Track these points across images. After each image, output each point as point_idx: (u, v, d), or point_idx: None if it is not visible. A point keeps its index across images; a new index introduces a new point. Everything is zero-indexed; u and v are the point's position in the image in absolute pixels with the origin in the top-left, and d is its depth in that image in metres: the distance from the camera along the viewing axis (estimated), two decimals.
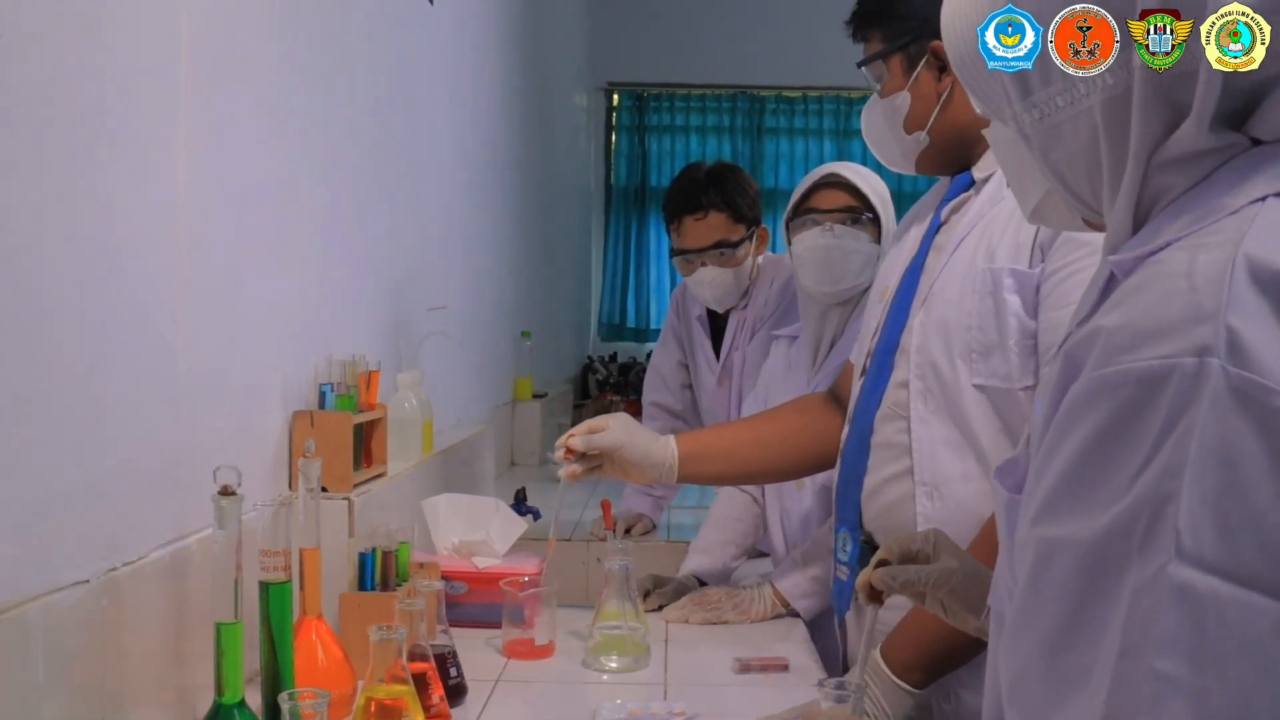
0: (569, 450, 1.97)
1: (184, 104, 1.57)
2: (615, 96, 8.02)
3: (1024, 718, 0.86)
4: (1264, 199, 0.86)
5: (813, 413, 2.10)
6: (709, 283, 2.97)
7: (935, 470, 1.73)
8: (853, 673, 1.48)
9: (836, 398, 2.10)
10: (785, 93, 7.93)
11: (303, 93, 2.05)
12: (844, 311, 2.42)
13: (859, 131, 7.97)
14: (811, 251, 2.36)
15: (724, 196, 2.97)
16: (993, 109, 1.06)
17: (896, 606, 1.74)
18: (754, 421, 2.17)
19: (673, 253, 3.07)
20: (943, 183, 1.94)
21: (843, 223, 2.37)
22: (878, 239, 2.38)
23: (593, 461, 1.99)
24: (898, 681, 1.64)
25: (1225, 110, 0.92)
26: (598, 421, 2.01)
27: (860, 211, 2.38)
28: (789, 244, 2.46)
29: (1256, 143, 0.93)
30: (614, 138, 8.05)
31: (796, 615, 2.22)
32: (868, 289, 2.27)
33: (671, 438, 2.04)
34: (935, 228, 1.85)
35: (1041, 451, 0.89)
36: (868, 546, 1.81)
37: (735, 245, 2.95)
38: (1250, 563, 0.77)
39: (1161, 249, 0.88)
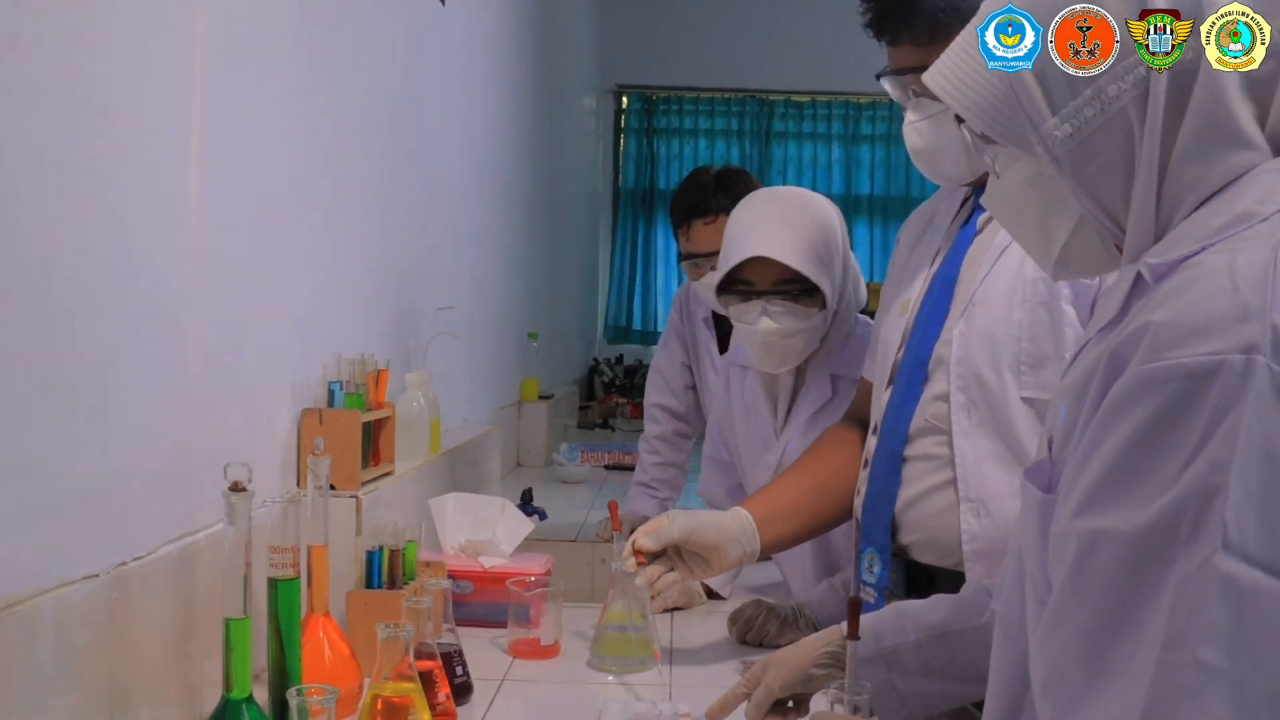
0: (638, 552, 1.87)
1: (198, 104, 1.57)
2: (624, 99, 8.03)
3: (1061, 707, 0.87)
4: None
5: (851, 445, 2.02)
6: None
7: (981, 487, 1.68)
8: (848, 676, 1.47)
9: (860, 421, 2.04)
10: (794, 97, 7.93)
11: (315, 93, 2.06)
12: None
13: (868, 137, 7.95)
14: (751, 337, 2.21)
15: (732, 200, 2.93)
16: (1016, 141, 1.05)
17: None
18: (802, 469, 2.04)
19: (681, 257, 3.07)
20: (953, 192, 1.89)
21: (782, 296, 2.17)
22: (823, 304, 2.19)
23: (666, 563, 1.89)
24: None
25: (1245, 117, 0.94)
26: (651, 523, 1.91)
27: (799, 284, 2.16)
28: (723, 306, 2.27)
29: (1276, 151, 0.94)
30: (622, 140, 8.06)
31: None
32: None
33: (739, 508, 1.95)
34: (970, 238, 1.79)
35: (1083, 446, 0.90)
36: (899, 563, 1.76)
37: None
38: None
39: (1197, 253, 0.89)
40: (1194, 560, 0.80)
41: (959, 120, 1.11)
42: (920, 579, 1.75)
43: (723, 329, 3.16)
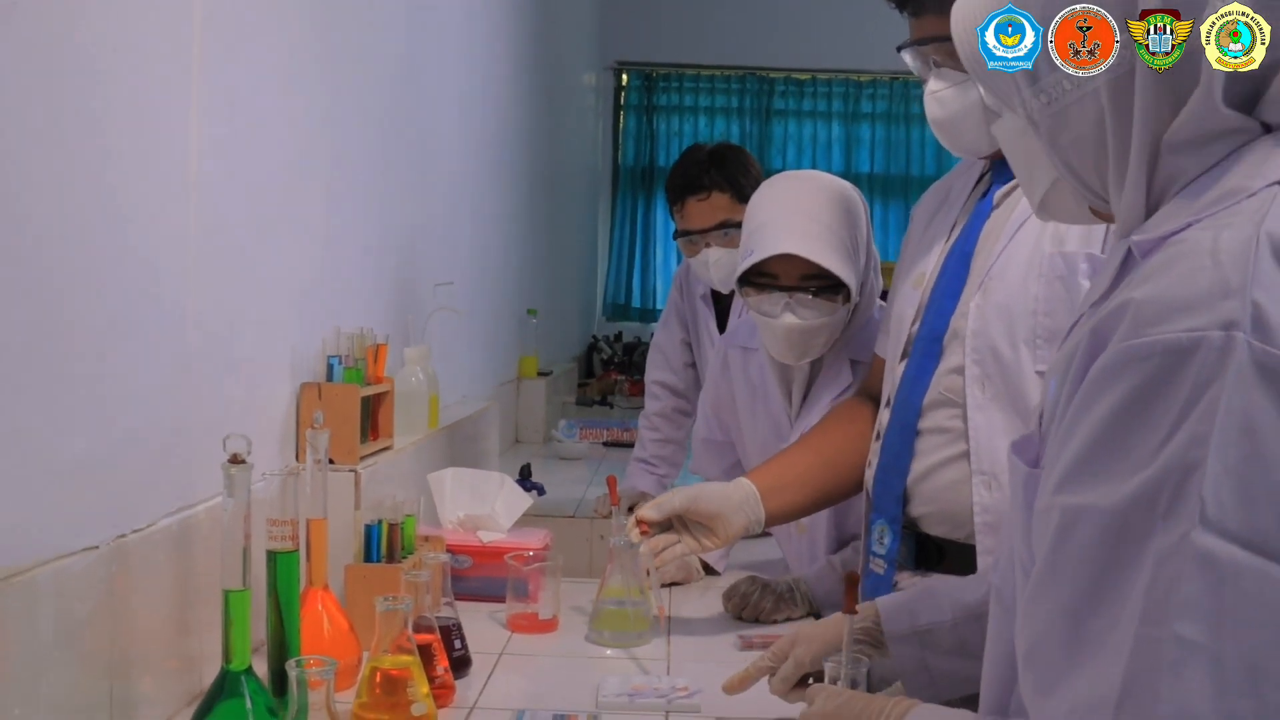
0: (642, 523, 1.89)
1: (196, 77, 1.57)
2: (624, 76, 8.01)
3: (1041, 681, 0.87)
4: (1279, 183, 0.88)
5: (862, 420, 2.02)
6: (713, 263, 2.95)
7: (994, 460, 1.67)
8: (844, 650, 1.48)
9: (872, 396, 2.04)
10: (795, 75, 7.90)
11: (314, 68, 2.05)
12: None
13: (868, 115, 7.93)
14: (773, 330, 2.17)
15: (726, 177, 2.95)
16: (1002, 98, 1.08)
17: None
18: (809, 443, 2.04)
19: (676, 234, 3.06)
20: (971, 165, 1.88)
21: (806, 292, 2.14)
22: (848, 298, 2.16)
23: (669, 539, 1.90)
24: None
25: (1233, 92, 0.93)
26: (658, 499, 1.93)
27: (824, 278, 2.13)
28: (741, 296, 2.23)
29: (1266, 129, 0.94)
30: (622, 118, 8.04)
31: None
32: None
33: (742, 478, 1.96)
34: (986, 212, 1.78)
35: (1065, 421, 0.91)
36: (909, 535, 1.77)
37: (739, 225, 2.92)
38: (1270, 533, 0.80)
39: (1183, 229, 0.90)
40: (1172, 536, 0.81)
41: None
42: (930, 551, 1.75)
43: (721, 306, 3.16)
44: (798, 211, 2.14)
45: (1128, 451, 0.84)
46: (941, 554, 1.74)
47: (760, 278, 2.16)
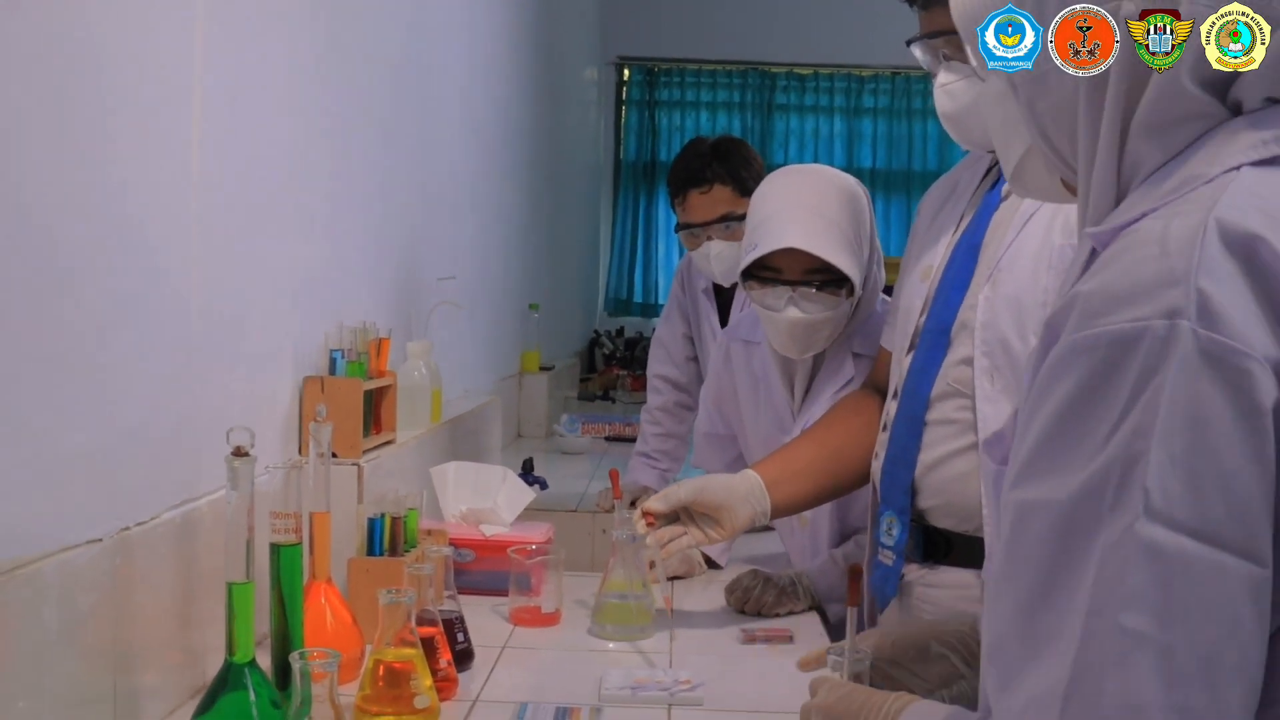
0: (648, 515, 1.89)
1: (199, 70, 1.57)
2: (626, 71, 8.00)
3: (1001, 676, 0.87)
4: (1238, 168, 0.88)
5: (868, 411, 2.02)
6: (715, 256, 2.95)
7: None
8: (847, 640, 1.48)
9: (878, 389, 2.04)
10: (797, 70, 7.90)
11: (317, 61, 2.05)
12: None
13: (870, 110, 7.90)
14: (776, 324, 2.17)
15: (728, 170, 2.95)
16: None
17: (942, 585, 1.74)
18: (815, 435, 2.04)
19: (678, 227, 3.06)
20: (978, 158, 1.88)
21: (810, 285, 2.14)
22: (851, 292, 2.16)
23: (676, 531, 1.90)
24: None
25: (1203, 71, 0.93)
26: (664, 491, 1.94)
27: (828, 273, 2.13)
28: (745, 290, 2.23)
29: (1236, 111, 0.93)
30: (624, 112, 8.04)
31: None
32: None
33: (748, 470, 1.96)
34: (995, 204, 1.78)
35: (1021, 417, 0.91)
36: (916, 528, 1.77)
37: (741, 219, 2.91)
38: (1219, 522, 0.79)
39: (1138, 219, 0.89)
40: (1117, 528, 0.80)
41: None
42: (938, 544, 1.75)
43: (723, 300, 3.16)
44: (802, 206, 2.14)
45: (1077, 444, 0.83)
46: (949, 546, 1.74)
47: (764, 271, 2.16)
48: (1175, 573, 0.79)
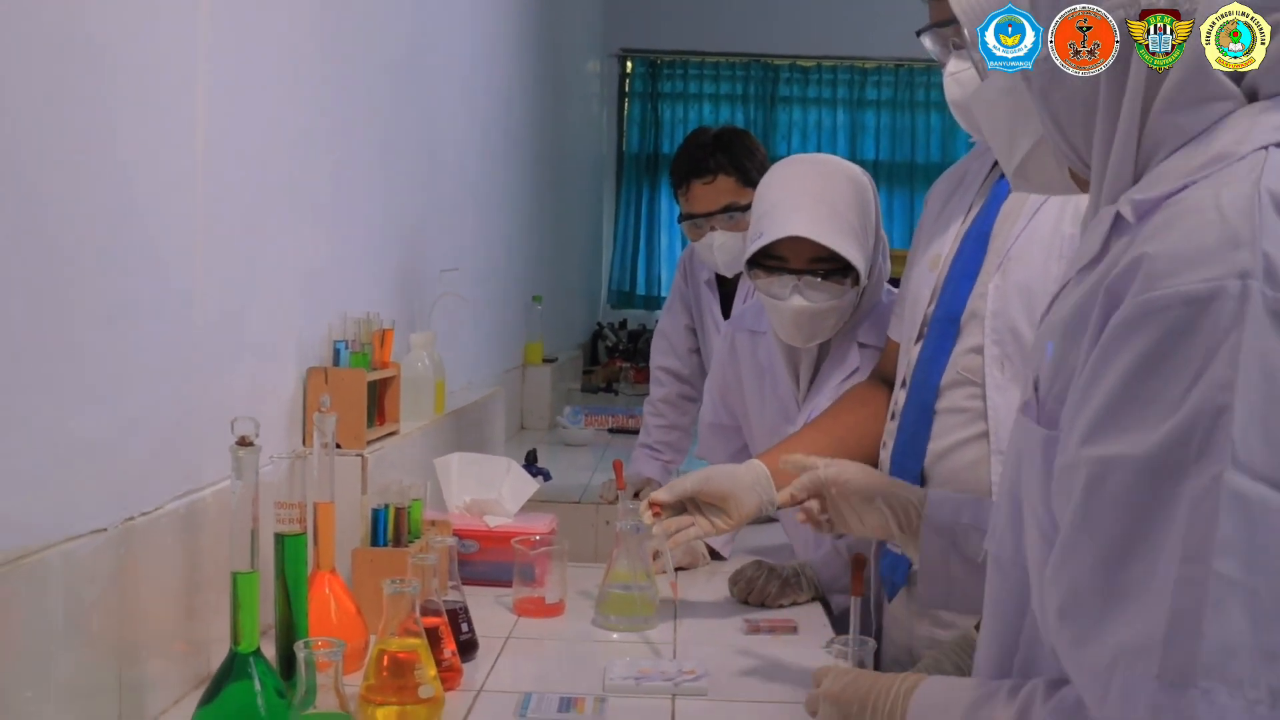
0: (655, 505, 1.89)
1: (203, 60, 1.57)
2: (629, 63, 8.00)
3: (1079, 633, 0.90)
4: (1267, 148, 0.92)
5: (874, 402, 2.02)
6: (718, 247, 2.94)
7: None
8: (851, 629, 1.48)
9: (885, 380, 2.04)
10: (799, 61, 7.89)
11: (320, 51, 2.05)
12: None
13: (873, 102, 7.88)
14: (781, 313, 2.18)
15: (732, 160, 2.94)
16: None
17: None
18: (821, 425, 2.04)
19: (681, 218, 3.05)
20: (986, 149, 1.84)
21: (815, 274, 2.14)
22: (856, 281, 2.16)
23: (684, 522, 1.89)
24: None
25: None
26: (670, 483, 1.94)
27: (834, 262, 2.13)
28: (750, 279, 2.24)
29: (1252, 98, 0.97)
30: (627, 105, 8.03)
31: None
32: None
33: (753, 460, 1.96)
34: (1004, 193, 1.78)
35: (1083, 379, 0.93)
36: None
37: (744, 209, 2.91)
38: None
39: (1179, 190, 0.92)
40: (1205, 477, 0.83)
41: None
42: None
43: (726, 290, 3.16)
44: (807, 194, 2.14)
45: (1153, 401, 0.87)
46: None
47: (769, 260, 2.16)
48: (1257, 520, 0.83)
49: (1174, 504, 0.85)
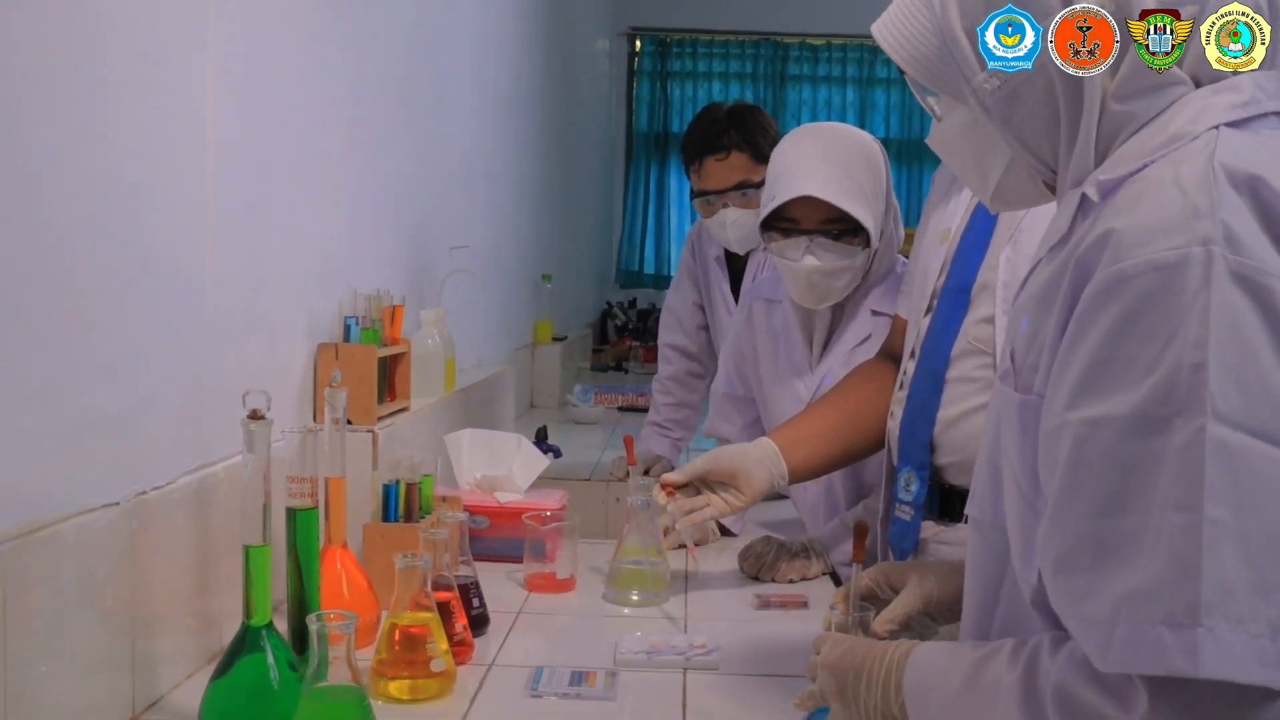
0: (667, 487, 1.90)
1: (213, 42, 1.56)
2: (638, 42, 7.96)
3: (1075, 588, 0.94)
4: (1218, 127, 0.99)
5: (882, 378, 2.03)
6: (731, 224, 2.94)
7: None
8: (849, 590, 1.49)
9: (893, 357, 2.05)
10: (809, 40, 7.86)
11: (330, 32, 2.05)
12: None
13: (883, 80, 7.87)
14: (794, 273, 2.21)
15: (745, 136, 2.93)
16: (952, 93, 1.15)
17: (957, 543, 1.74)
18: (831, 401, 2.05)
19: (694, 194, 3.04)
20: None
21: (826, 235, 2.17)
22: (867, 242, 2.19)
23: (698, 502, 1.90)
24: None
25: None
26: (681, 467, 1.95)
27: (844, 222, 2.16)
28: (765, 242, 2.27)
29: (1197, 84, 1.04)
30: (636, 83, 8.00)
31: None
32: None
33: (761, 438, 1.96)
34: None
35: (1061, 349, 0.98)
36: (932, 486, 1.78)
37: (757, 186, 2.90)
38: (1266, 419, 0.89)
39: (1140, 169, 0.99)
40: (1189, 430, 0.89)
41: (902, 73, 1.21)
42: (953, 502, 1.76)
43: (734, 268, 3.15)
44: (818, 158, 2.18)
45: (1132, 362, 0.92)
46: (965, 504, 1.74)
47: (782, 222, 2.20)
48: (1239, 466, 0.88)
49: (1161, 457, 0.89)
